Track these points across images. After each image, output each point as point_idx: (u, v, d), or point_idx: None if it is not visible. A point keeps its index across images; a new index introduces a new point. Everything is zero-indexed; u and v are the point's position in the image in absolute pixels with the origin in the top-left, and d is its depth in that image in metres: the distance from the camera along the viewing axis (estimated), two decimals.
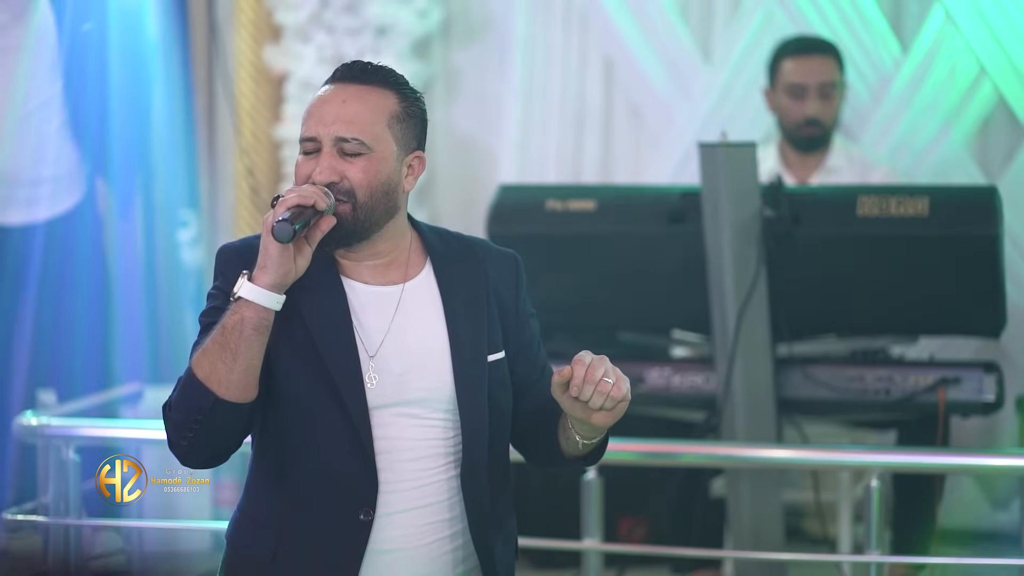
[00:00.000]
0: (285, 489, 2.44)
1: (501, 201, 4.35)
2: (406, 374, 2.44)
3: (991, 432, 5.09)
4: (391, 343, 2.44)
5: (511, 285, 2.56)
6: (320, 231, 2.38)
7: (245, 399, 2.36)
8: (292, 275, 2.36)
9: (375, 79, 2.46)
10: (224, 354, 2.33)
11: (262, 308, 2.33)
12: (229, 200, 5.95)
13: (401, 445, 2.43)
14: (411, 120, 2.47)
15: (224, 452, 2.44)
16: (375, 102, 2.43)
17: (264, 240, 2.34)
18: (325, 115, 2.42)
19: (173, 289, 5.55)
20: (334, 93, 2.45)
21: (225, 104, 5.89)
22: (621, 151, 5.78)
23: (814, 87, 4.91)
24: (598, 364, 2.34)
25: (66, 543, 3.89)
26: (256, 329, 2.33)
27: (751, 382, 4.04)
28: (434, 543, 2.45)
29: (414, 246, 2.51)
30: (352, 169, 2.40)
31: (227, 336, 2.33)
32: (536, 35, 5.79)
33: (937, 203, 4.04)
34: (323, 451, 2.41)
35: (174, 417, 2.38)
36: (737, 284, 4.01)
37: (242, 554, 2.50)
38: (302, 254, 2.36)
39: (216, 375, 2.33)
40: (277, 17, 5.89)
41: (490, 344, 2.50)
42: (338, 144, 2.41)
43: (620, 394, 2.34)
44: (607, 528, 3.99)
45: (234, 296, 2.34)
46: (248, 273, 2.35)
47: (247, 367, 2.34)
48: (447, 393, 2.45)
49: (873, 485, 3.67)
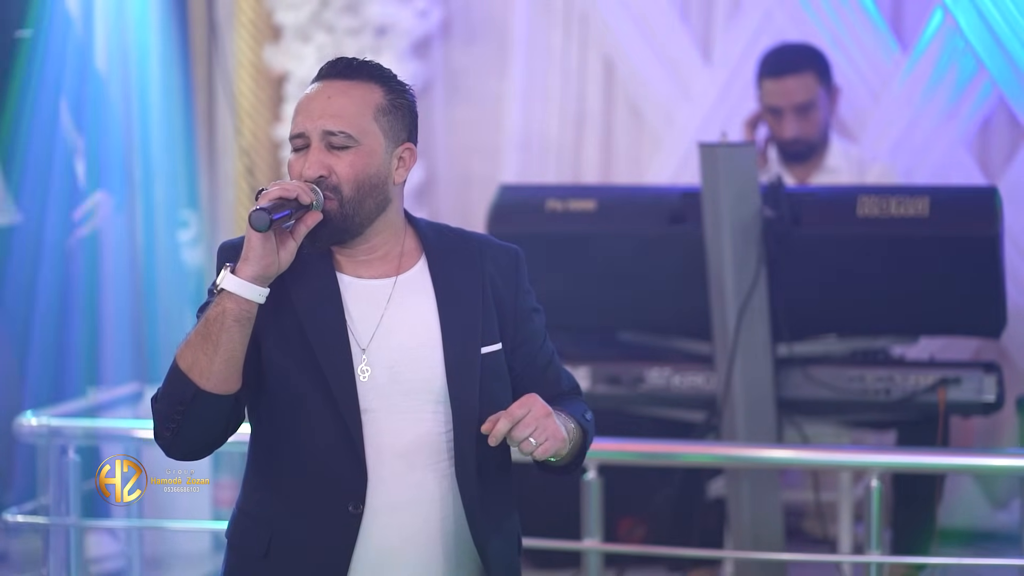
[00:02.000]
0: (276, 482, 2.46)
1: (501, 201, 4.35)
2: (397, 367, 2.44)
3: (991, 432, 5.09)
4: (382, 336, 2.44)
5: (510, 279, 2.56)
6: (305, 226, 2.39)
7: (226, 391, 2.38)
8: (275, 268, 2.37)
9: (360, 74, 2.48)
10: (206, 345, 2.35)
11: (243, 300, 2.34)
12: (229, 200, 5.95)
13: (392, 439, 2.43)
14: (398, 112, 2.48)
15: (208, 444, 2.45)
16: (360, 96, 2.45)
17: (247, 232, 2.36)
18: (312, 111, 2.45)
19: (173, 289, 5.55)
20: (320, 90, 2.47)
21: (225, 104, 5.89)
22: (621, 151, 5.77)
23: (790, 109, 4.89)
24: (527, 424, 2.35)
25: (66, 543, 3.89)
26: (237, 320, 2.34)
27: (751, 382, 4.04)
28: (428, 539, 2.45)
29: (409, 241, 2.52)
30: (339, 163, 2.42)
31: (209, 327, 2.35)
32: (536, 35, 5.79)
33: (937, 203, 4.04)
34: (313, 443, 2.42)
35: (159, 408, 2.41)
36: (737, 284, 4.01)
37: (238, 550, 2.50)
38: (286, 248, 2.38)
39: (198, 366, 2.36)
40: (277, 17, 5.89)
41: (484, 336, 2.49)
42: (326, 138, 2.43)
43: (543, 457, 2.38)
44: (607, 528, 3.99)
45: (216, 288, 2.36)
46: (231, 265, 2.36)
47: (228, 358, 2.35)
48: (439, 385, 2.45)
49: (873, 485, 3.67)
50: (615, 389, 4.25)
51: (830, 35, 5.39)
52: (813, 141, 4.94)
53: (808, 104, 4.89)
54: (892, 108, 5.39)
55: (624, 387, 4.25)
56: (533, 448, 2.36)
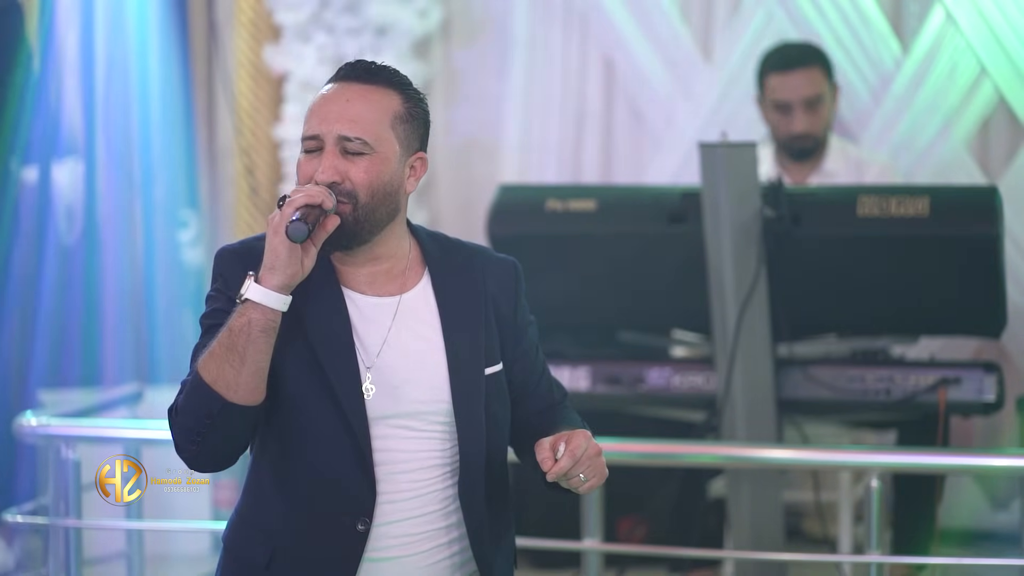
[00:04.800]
0: (282, 494, 2.43)
1: (501, 201, 4.34)
2: (403, 386, 2.42)
3: (991, 432, 5.09)
4: (388, 355, 2.42)
5: (510, 294, 2.54)
6: (325, 231, 2.36)
7: (253, 401, 2.35)
8: (299, 276, 2.33)
9: (379, 79, 2.43)
10: (231, 356, 2.31)
11: (270, 310, 2.31)
12: (229, 200, 5.95)
13: (398, 456, 2.41)
14: (414, 121, 2.45)
15: (232, 454, 2.42)
16: (379, 102, 2.41)
17: (272, 241, 2.31)
18: (328, 113, 2.40)
19: (173, 289, 5.55)
20: (338, 91, 2.42)
21: (225, 104, 5.89)
22: (621, 151, 5.77)
23: (799, 103, 4.86)
24: (582, 463, 2.36)
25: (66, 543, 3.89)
26: (264, 331, 2.31)
27: (751, 382, 4.04)
28: (430, 551, 2.44)
29: (413, 255, 2.49)
30: (354, 169, 2.38)
31: (234, 339, 2.30)
32: (536, 35, 5.79)
33: (937, 203, 4.03)
34: (322, 459, 2.40)
35: (181, 421, 2.36)
36: (737, 284, 4.01)
37: (238, 558, 2.48)
38: (308, 255, 2.34)
39: (224, 378, 2.31)
40: (277, 17, 5.89)
41: (487, 357, 2.48)
42: (341, 143, 2.38)
43: (586, 492, 2.42)
44: (607, 528, 3.99)
45: (240, 298, 2.31)
46: (254, 275, 2.32)
47: (255, 369, 2.32)
48: (444, 406, 2.43)
49: (873, 485, 3.66)
50: (615, 389, 4.24)
51: (830, 35, 5.39)
52: (820, 137, 4.93)
53: (817, 98, 4.88)
54: (892, 108, 5.39)
55: (624, 387, 4.24)
56: (581, 484, 2.37)
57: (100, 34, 5.40)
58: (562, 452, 2.34)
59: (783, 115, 4.89)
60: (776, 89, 4.89)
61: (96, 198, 5.35)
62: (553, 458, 2.34)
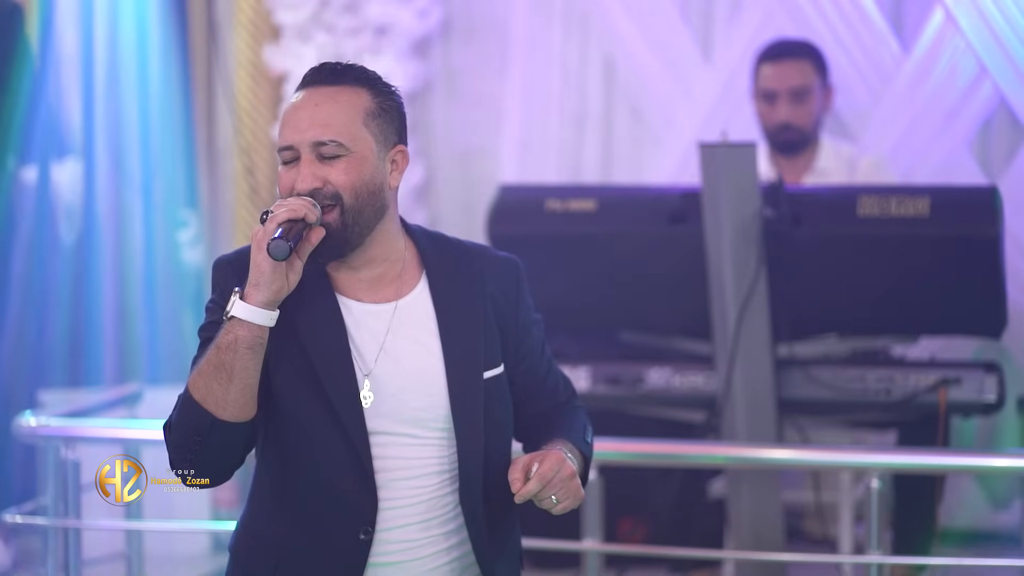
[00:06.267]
0: (285, 505, 2.43)
1: (501, 201, 4.34)
2: (401, 393, 2.41)
3: (991, 432, 5.09)
4: (385, 362, 2.41)
5: (511, 294, 2.52)
6: (309, 244, 2.34)
7: (243, 418, 2.34)
8: (284, 291, 2.32)
9: (346, 78, 2.41)
10: (219, 374, 2.30)
11: (256, 326, 2.29)
12: (229, 200, 5.95)
13: (398, 463, 2.41)
14: (387, 115, 2.42)
15: (227, 469, 2.42)
16: (348, 101, 2.39)
17: (256, 257, 2.30)
18: (299, 122, 2.37)
19: (173, 289, 5.55)
20: (306, 98, 2.40)
21: (224, 104, 5.89)
22: (621, 151, 5.77)
23: (785, 92, 4.89)
24: (553, 486, 2.35)
25: (66, 543, 3.88)
26: (251, 348, 2.30)
27: (751, 382, 4.04)
28: (432, 556, 2.44)
29: (409, 258, 2.47)
30: (334, 172, 2.36)
31: (222, 356, 2.29)
32: (536, 35, 5.78)
33: (937, 203, 4.03)
34: (322, 469, 2.40)
35: (174, 438, 2.36)
36: (737, 284, 4.01)
37: (244, 566, 2.48)
38: (293, 269, 2.32)
39: (212, 396, 2.31)
40: (277, 17, 5.89)
41: (487, 360, 2.46)
42: (316, 149, 2.36)
43: (559, 513, 2.39)
44: (607, 528, 3.98)
45: (227, 315, 2.30)
46: (240, 291, 2.31)
47: (244, 386, 2.31)
48: (443, 412, 2.42)
49: (873, 485, 3.66)
50: (615, 389, 4.24)
51: (830, 35, 5.39)
52: (806, 131, 4.93)
53: (803, 90, 4.90)
54: (892, 108, 5.39)
55: (624, 387, 4.24)
56: (553, 506, 2.36)
57: (100, 34, 5.40)
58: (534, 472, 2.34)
59: (769, 104, 4.92)
60: (765, 78, 4.93)
61: (95, 198, 5.35)
62: (523, 479, 2.34)
